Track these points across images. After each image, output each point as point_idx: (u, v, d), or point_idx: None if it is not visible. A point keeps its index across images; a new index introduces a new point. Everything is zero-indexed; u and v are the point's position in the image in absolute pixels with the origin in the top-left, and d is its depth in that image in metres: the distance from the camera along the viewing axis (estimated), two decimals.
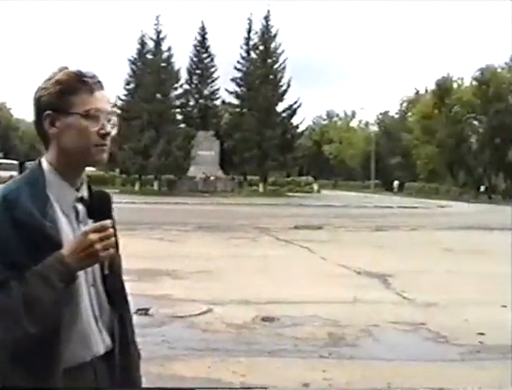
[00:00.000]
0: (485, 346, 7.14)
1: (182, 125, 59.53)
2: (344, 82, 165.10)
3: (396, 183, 78.71)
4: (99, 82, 1.95)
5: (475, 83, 67.66)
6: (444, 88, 70.74)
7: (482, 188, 67.61)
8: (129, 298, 2.15)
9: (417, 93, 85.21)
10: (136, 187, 57.09)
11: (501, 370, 6.38)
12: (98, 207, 1.92)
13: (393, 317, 8.26)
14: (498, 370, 6.41)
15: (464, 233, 23.71)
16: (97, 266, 1.93)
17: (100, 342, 1.96)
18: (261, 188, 58.62)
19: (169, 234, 19.04)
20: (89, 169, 2.08)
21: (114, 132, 1.95)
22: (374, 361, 6.61)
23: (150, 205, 36.00)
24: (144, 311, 8.17)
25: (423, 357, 6.83)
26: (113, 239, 1.83)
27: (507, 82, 63.04)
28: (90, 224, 1.86)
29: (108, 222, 1.83)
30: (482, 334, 7.51)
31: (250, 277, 11.41)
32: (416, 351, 7.05)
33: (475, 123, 69.90)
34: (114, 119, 1.96)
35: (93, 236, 1.78)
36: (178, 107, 60.57)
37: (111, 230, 1.82)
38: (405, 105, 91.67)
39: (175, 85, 59.29)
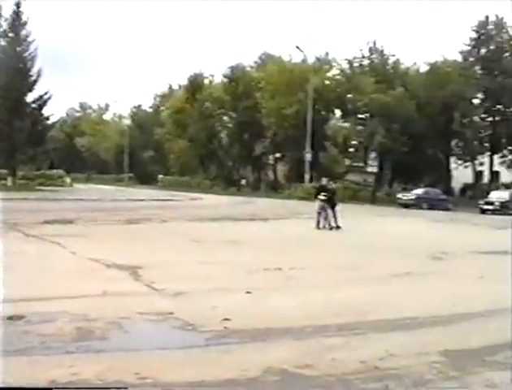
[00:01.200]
0: (230, 331, 7.47)
1: None
2: (98, 74, 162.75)
3: (160, 176, 79.37)
4: None
5: (225, 80, 70.17)
6: (195, 84, 72.57)
7: (243, 182, 70.78)
8: None
9: (170, 88, 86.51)
10: None
11: (245, 352, 6.75)
12: None
13: (142, 308, 8.32)
14: (242, 352, 6.77)
15: (214, 224, 24.57)
16: None
17: None
18: (10, 182, 55.80)
19: None
20: None
21: None
22: (123, 352, 6.62)
23: None
24: None
25: (170, 345, 6.98)
26: None
27: (255, 80, 66.09)
28: None
29: None
30: (227, 320, 7.85)
31: None
32: (164, 340, 7.19)
33: (226, 118, 72.62)
34: None
35: None
36: None
37: None
38: (158, 99, 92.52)
39: None
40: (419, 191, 50.32)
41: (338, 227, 23.34)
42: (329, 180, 27.19)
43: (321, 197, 23.86)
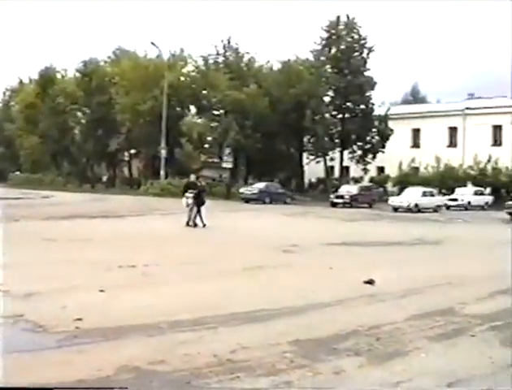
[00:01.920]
0: (82, 331, 7.40)
1: None
2: None
3: (12, 174, 76.36)
4: None
5: (78, 75, 68.51)
6: (47, 79, 70.40)
7: (104, 178, 69.51)
8: None
9: (20, 82, 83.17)
10: None
11: (97, 352, 6.71)
12: None
13: None
14: (94, 352, 6.73)
15: (67, 222, 24.02)
16: None
17: None
18: None
19: None
20: None
21: None
22: None
23: None
24: None
25: (20, 348, 6.80)
26: None
27: (109, 75, 64.95)
28: None
29: None
30: (79, 319, 7.76)
31: None
32: (14, 343, 6.99)
33: (79, 114, 70.94)
34: None
35: None
36: None
37: None
38: (8, 94, 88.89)
39: None
40: (261, 185, 51.00)
41: (195, 225, 23.33)
42: (197, 177, 27.14)
43: (188, 194, 23.74)
